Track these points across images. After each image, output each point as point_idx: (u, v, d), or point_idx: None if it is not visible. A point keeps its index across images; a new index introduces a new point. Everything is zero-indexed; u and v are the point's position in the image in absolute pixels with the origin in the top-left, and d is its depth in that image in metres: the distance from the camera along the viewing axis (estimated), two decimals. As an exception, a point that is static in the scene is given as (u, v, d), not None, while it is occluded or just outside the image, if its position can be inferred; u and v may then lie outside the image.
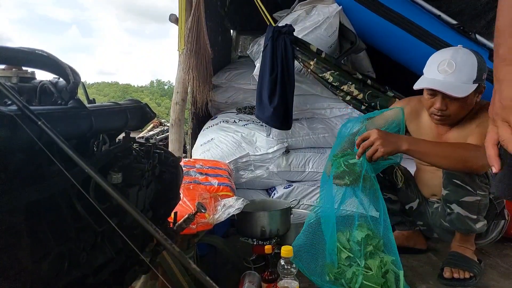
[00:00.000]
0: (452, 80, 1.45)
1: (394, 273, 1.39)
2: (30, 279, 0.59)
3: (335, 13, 2.49)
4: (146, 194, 0.93)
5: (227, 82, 2.89)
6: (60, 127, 0.63)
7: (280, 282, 1.28)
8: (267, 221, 1.68)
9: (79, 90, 0.74)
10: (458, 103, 1.48)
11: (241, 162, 2.40)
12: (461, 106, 1.50)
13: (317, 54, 2.22)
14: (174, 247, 0.60)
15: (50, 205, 0.63)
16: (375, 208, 1.48)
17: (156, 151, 1.01)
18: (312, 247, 1.55)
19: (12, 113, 0.54)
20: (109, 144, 0.83)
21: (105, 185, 0.60)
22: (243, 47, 3.66)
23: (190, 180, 1.78)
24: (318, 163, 2.43)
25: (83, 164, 0.58)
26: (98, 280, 0.77)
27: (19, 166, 0.57)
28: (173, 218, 1.22)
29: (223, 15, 3.41)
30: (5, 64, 0.72)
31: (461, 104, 1.49)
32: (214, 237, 1.66)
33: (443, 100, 1.49)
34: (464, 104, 1.49)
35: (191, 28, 2.43)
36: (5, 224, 0.55)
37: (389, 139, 1.40)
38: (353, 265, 1.42)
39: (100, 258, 0.77)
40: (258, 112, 2.32)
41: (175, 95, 2.70)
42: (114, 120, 0.83)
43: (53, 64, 0.70)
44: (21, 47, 0.67)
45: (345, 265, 1.45)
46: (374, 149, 1.39)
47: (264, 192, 2.53)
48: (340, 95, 2.27)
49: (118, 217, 0.78)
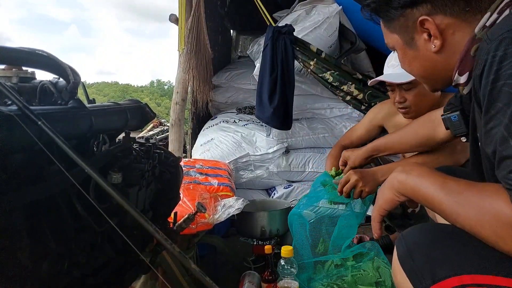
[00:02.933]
0: (400, 71, 1.48)
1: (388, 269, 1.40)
2: (30, 279, 0.59)
3: (335, 13, 2.49)
4: (146, 194, 0.93)
5: (227, 82, 2.89)
6: (60, 127, 0.63)
7: (280, 282, 1.28)
8: (267, 221, 1.68)
9: (79, 90, 0.74)
10: (413, 93, 1.52)
11: (241, 162, 2.40)
12: (417, 96, 1.52)
13: (317, 54, 2.22)
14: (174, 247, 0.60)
15: (50, 205, 0.63)
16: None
17: (156, 151, 1.01)
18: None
19: (12, 113, 0.54)
20: (109, 144, 0.83)
21: (105, 185, 0.60)
22: (243, 47, 3.66)
23: (190, 180, 1.78)
24: (318, 163, 2.43)
25: (83, 164, 0.58)
26: (98, 280, 0.77)
27: (19, 166, 0.57)
28: (173, 218, 1.22)
29: (223, 15, 3.41)
30: (5, 64, 0.72)
31: (416, 94, 1.52)
32: (214, 237, 1.66)
33: (399, 93, 1.55)
34: (420, 94, 1.51)
35: (192, 28, 2.42)
36: (5, 224, 0.55)
37: (368, 178, 1.40)
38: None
39: (100, 258, 0.77)
40: (258, 112, 2.32)
41: (175, 95, 2.70)
42: (114, 120, 0.82)
43: (53, 64, 0.70)
44: (21, 47, 0.67)
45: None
46: (358, 191, 1.40)
47: (264, 192, 2.53)
48: (340, 95, 2.27)
49: (118, 217, 0.78)
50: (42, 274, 0.61)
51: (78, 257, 0.69)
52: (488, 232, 0.59)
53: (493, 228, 0.59)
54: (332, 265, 1.50)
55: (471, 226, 0.62)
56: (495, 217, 0.58)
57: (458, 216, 0.64)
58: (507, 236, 0.57)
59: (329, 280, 1.41)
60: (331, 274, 1.45)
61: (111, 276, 0.82)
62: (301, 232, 1.53)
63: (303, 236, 1.52)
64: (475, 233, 0.62)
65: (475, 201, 0.62)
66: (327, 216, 1.66)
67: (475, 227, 0.62)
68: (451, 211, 0.66)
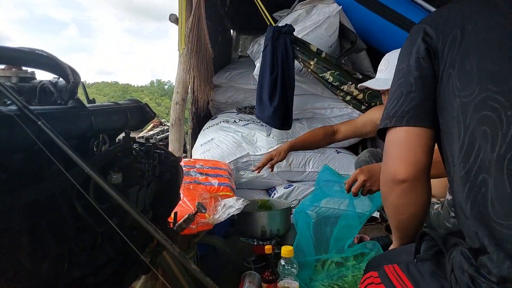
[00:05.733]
0: (385, 76, 1.49)
1: None
2: (30, 279, 0.59)
3: (336, 13, 2.49)
4: (146, 194, 0.93)
5: (228, 82, 2.89)
6: (60, 127, 0.62)
7: (280, 282, 1.28)
8: (267, 221, 1.68)
9: (79, 90, 0.74)
10: None
11: (241, 162, 2.40)
12: None
13: (317, 54, 2.22)
14: (174, 248, 0.60)
15: (50, 205, 0.63)
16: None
17: (156, 151, 1.01)
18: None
19: (12, 113, 0.54)
20: (109, 144, 0.83)
21: (105, 185, 0.60)
22: (243, 47, 3.66)
23: (190, 180, 1.78)
24: (318, 163, 2.43)
25: (83, 164, 0.58)
26: (98, 280, 0.77)
27: (19, 166, 0.57)
28: (173, 218, 1.22)
29: (223, 15, 3.40)
30: (5, 64, 0.72)
31: None
32: (214, 237, 1.66)
33: (385, 97, 1.59)
34: None
35: (192, 28, 2.42)
36: (5, 224, 0.54)
37: (375, 177, 1.35)
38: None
39: (100, 258, 0.77)
40: (258, 112, 2.32)
41: (175, 95, 2.70)
42: (114, 120, 0.82)
43: (53, 64, 0.70)
44: (21, 47, 0.66)
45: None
46: (367, 189, 1.38)
47: (264, 192, 2.53)
48: (340, 95, 2.26)
49: (118, 217, 0.78)
50: (42, 274, 0.61)
51: (78, 257, 0.69)
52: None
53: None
54: (332, 264, 1.50)
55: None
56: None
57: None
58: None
59: (329, 281, 1.40)
60: (332, 274, 1.45)
61: (111, 276, 0.82)
62: (306, 229, 1.54)
63: (308, 234, 1.53)
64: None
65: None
66: (329, 217, 1.66)
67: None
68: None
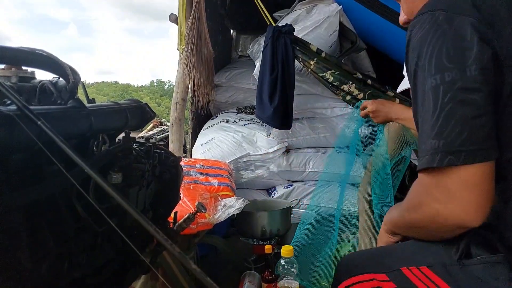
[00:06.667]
0: None
1: None
2: (30, 279, 0.59)
3: (336, 13, 2.49)
4: (146, 194, 0.93)
5: (228, 82, 2.89)
6: (60, 127, 0.62)
7: (280, 282, 1.28)
8: (268, 221, 1.68)
9: (79, 90, 0.73)
10: None
11: (241, 162, 2.40)
12: None
13: (317, 54, 2.22)
14: (174, 248, 0.60)
15: (50, 205, 0.63)
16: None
17: (156, 151, 1.01)
18: (305, 248, 1.56)
19: (12, 113, 0.54)
20: (109, 144, 0.83)
21: (105, 185, 0.59)
22: (243, 47, 3.65)
23: (190, 180, 1.78)
24: (318, 163, 2.43)
25: (83, 164, 0.58)
26: (98, 280, 0.77)
27: (18, 166, 0.57)
28: (173, 218, 1.22)
29: (223, 15, 3.40)
30: (4, 64, 0.71)
31: None
32: (214, 237, 1.66)
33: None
34: None
35: (192, 27, 2.42)
36: (4, 224, 0.54)
37: (381, 112, 1.56)
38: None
39: (100, 259, 0.77)
40: (258, 111, 2.32)
41: (175, 95, 2.70)
42: (114, 120, 0.82)
43: (52, 63, 0.70)
44: (21, 46, 0.66)
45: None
46: (370, 117, 1.61)
47: (264, 192, 2.52)
48: (341, 94, 2.26)
49: (118, 218, 0.78)
50: (42, 274, 0.61)
51: (78, 257, 0.69)
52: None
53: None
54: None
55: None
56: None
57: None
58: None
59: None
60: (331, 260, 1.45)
61: (111, 276, 0.82)
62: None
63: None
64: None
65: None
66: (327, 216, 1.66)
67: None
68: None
